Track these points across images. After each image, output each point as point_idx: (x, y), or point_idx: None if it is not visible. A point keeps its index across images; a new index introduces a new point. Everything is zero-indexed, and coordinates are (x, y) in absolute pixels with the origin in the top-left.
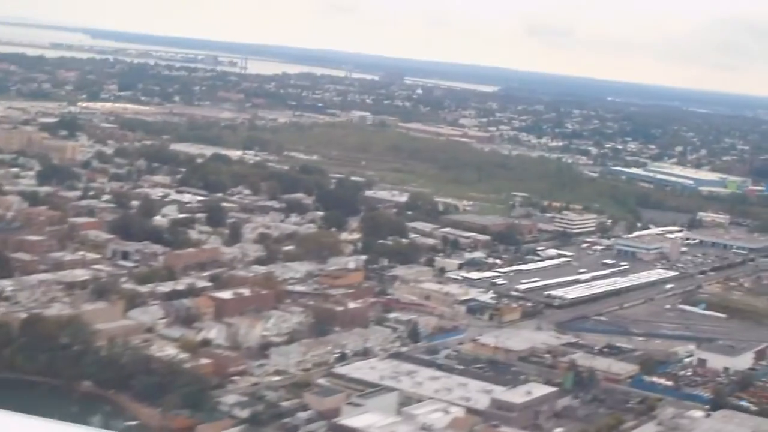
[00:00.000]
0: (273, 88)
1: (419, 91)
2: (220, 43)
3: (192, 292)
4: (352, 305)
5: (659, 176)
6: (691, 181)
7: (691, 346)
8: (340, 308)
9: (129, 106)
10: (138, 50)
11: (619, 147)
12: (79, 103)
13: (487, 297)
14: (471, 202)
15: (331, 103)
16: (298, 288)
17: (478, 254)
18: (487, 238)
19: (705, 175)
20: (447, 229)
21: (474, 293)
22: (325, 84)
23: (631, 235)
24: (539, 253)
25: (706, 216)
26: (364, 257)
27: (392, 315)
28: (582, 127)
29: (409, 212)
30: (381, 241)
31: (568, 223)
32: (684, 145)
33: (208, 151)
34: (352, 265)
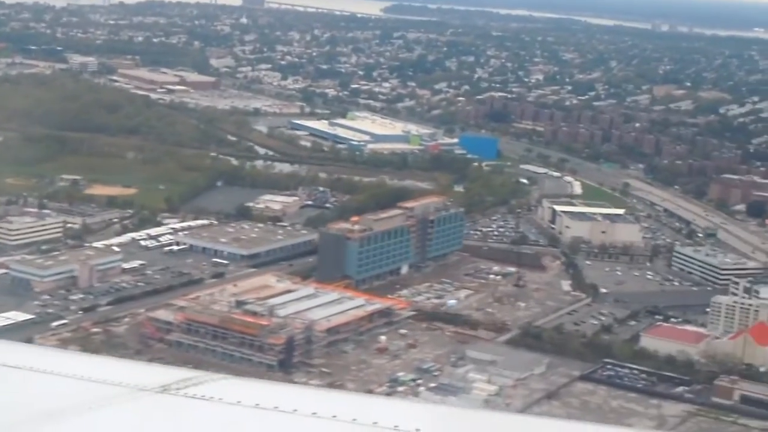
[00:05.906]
0: (55, 24)
1: (244, 19)
2: None
3: None
4: None
5: (339, 132)
6: (368, 137)
7: None
8: None
9: None
10: None
11: (364, 88)
12: None
13: None
14: None
15: (95, 46)
16: None
17: None
18: None
19: (393, 128)
20: None
21: None
22: (149, 15)
23: (105, 245)
24: None
25: (270, 200)
26: None
27: None
28: (369, 59)
29: None
30: None
31: (7, 234)
32: (451, 80)
33: None
34: None
